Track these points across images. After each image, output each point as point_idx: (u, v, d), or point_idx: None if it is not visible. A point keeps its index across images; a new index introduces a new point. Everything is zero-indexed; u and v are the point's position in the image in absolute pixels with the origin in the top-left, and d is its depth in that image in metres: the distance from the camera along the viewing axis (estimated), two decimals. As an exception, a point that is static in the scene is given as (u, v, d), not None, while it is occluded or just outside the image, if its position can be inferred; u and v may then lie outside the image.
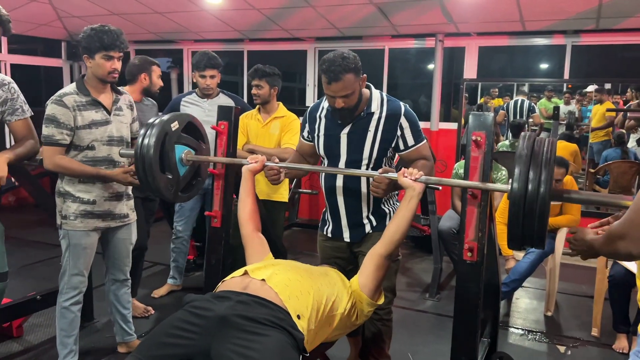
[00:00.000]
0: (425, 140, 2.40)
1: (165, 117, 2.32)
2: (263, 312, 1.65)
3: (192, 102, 3.68)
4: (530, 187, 1.67)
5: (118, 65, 2.51)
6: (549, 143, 1.75)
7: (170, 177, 2.31)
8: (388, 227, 2.08)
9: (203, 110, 3.59)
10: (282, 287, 1.77)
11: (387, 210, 2.44)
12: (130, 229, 2.78)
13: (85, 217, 2.56)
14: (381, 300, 2.09)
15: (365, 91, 2.35)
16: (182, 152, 2.38)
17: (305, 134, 2.54)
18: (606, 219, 1.64)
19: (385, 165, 2.34)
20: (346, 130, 2.34)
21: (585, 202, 2.05)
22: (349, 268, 2.50)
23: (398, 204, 2.31)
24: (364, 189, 2.36)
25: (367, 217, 2.42)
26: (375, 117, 2.33)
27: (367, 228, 2.43)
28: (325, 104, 2.42)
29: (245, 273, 1.88)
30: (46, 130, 2.45)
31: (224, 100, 3.69)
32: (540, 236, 1.71)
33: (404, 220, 2.05)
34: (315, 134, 2.44)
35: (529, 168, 1.69)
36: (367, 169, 2.34)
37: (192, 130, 2.46)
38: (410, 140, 2.35)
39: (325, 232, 2.55)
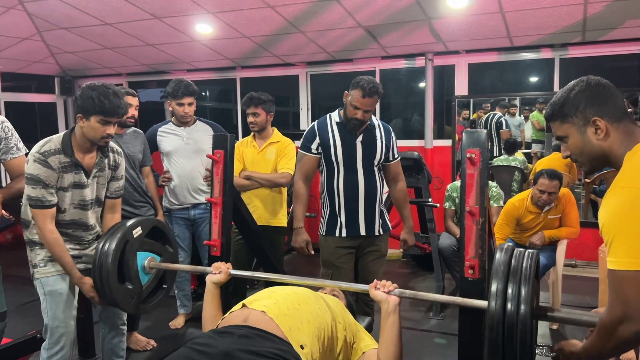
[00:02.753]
0: (400, 157, 3.03)
1: (128, 223, 2.20)
2: (266, 345, 1.62)
3: (170, 132, 3.61)
4: (509, 306, 1.50)
5: (112, 130, 2.31)
6: (529, 256, 1.60)
7: (130, 287, 2.19)
8: (381, 354, 1.85)
9: (181, 139, 3.57)
10: (283, 318, 1.74)
11: (384, 209, 2.98)
12: None
13: (55, 261, 2.36)
14: None
15: None
16: (144, 259, 2.26)
17: (314, 146, 2.85)
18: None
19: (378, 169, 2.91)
20: (360, 139, 2.84)
21: (569, 322, 1.74)
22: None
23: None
24: (378, 187, 2.88)
25: (378, 213, 2.88)
26: (377, 129, 2.89)
27: (377, 226, 2.89)
28: (334, 117, 2.87)
29: (244, 306, 1.83)
30: (33, 191, 2.24)
31: (202, 127, 3.64)
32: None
33: (392, 339, 1.84)
34: (330, 144, 2.83)
35: (506, 285, 1.53)
36: (376, 168, 2.89)
37: (157, 234, 2.35)
38: (396, 154, 2.99)
39: (338, 234, 2.84)
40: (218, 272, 2.13)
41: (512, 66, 6.06)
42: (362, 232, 2.87)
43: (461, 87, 5.49)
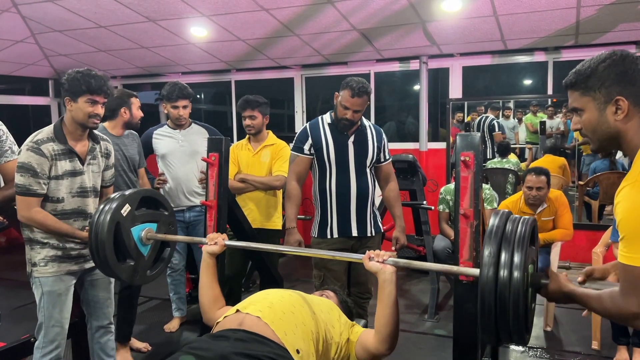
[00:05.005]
0: (391, 158, 3.06)
1: (114, 203, 2.15)
2: (262, 350, 1.61)
3: (165, 135, 3.60)
4: (502, 273, 1.41)
5: (100, 111, 2.38)
6: (525, 221, 1.52)
7: (132, 263, 2.19)
8: (378, 322, 1.85)
9: (177, 142, 3.56)
10: (278, 323, 1.73)
11: (377, 212, 3.01)
12: None
13: (55, 262, 2.40)
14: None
15: None
16: (140, 231, 2.25)
17: (307, 147, 2.86)
18: (590, 268, 1.61)
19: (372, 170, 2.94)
20: (351, 139, 2.87)
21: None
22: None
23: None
24: (370, 188, 2.90)
25: (370, 215, 2.90)
26: (369, 130, 2.92)
27: (369, 227, 2.91)
28: (326, 119, 2.89)
29: (238, 311, 1.82)
30: (21, 179, 2.28)
31: (197, 130, 3.64)
32: (518, 331, 1.44)
33: (389, 309, 1.82)
34: (323, 144, 2.85)
35: (499, 249, 1.45)
36: (368, 169, 2.91)
37: (148, 202, 2.32)
38: (387, 155, 3.01)
39: (329, 235, 2.85)
40: (214, 243, 2.14)
41: (505, 69, 6.10)
42: (354, 232, 2.88)
43: (455, 90, 5.52)
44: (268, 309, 1.79)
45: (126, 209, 2.18)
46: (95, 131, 2.52)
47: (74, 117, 2.37)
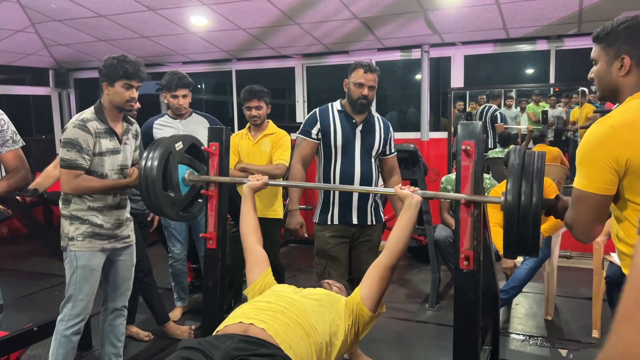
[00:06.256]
0: (396, 152, 3.07)
1: (171, 138, 2.37)
2: (268, 352, 1.60)
3: (166, 124, 3.60)
4: (522, 198, 1.75)
5: (136, 94, 2.55)
6: (539, 155, 1.81)
7: (172, 195, 2.32)
8: (390, 239, 2.08)
9: (177, 131, 3.53)
10: (282, 335, 1.70)
11: (379, 202, 3.01)
12: (132, 250, 2.77)
13: (92, 238, 2.54)
14: (383, 309, 2.05)
15: None
16: (185, 171, 2.40)
17: (315, 131, 2.86)
18: None
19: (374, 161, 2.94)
20: (359, 128, 2.88)
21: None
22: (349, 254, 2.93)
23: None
24: (373, 177, 2.90)
25: (371, 204, 2.90)
26: (377, 121, 2.94)
27: (370, 217, 2.90)
28: (336, 106, 2.91)
29: (240, 322, 1.76)
30: (67, 154, 2.44)
31: (198, 119, 3.63)
32: (534, 243, 1.78)
33: (404, 230, 2.05)
34: (331, 129, 2.85)
35: (521, 180, 1.77)
36: (373, 159, 2.91)
37: (195, 151, 2.49)
38: (393, 148, 3.03)
39: (330, 221, 2.86)
40: (256, 180, 2.34)
41: (508, 58, 6.06)
42: (354, 220, 2.87)
43: (457, 79, 5.49)
44: (271, 319, 1.75)
45: (179, 145, 2.36)
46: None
47: (112, 101, 2.54)
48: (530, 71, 6.65)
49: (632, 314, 0.56)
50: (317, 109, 2.94)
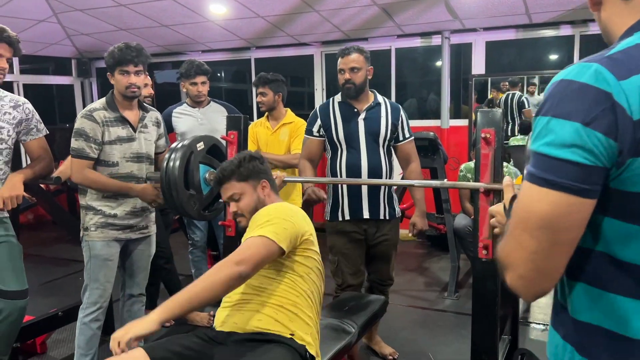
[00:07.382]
0: (413, 137, 2.89)
1: (192, 139, 2.41)
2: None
3: (184, 113, 3.62)
4: None
5: (135, 79, 2.51)
6: None
7: (194, 193, 2.36)
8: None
9: (196, 120, 3.57)
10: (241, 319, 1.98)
11: (394, 194, 2.88)
12: (150, 241, 2.78)
13: (105, 228, 2.56)
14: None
15: (370, 91, 2.85)
16: (206, 171, 2.42)
17: (316, 128, 2.83)
18: None
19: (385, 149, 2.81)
20: (362, 116, 2.77)
21: None
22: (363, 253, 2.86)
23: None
24: (383, 167, 2.77)
25: (384, 196, 2.79)
26: (383, 107, 2.81)
27: (382, 210, 2.79)
28: (337, 98, 2.85)
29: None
30: (75, 143, 2.48)
31: (216, 108, 3.65)
32: None
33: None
34: (332, 124, 2.79)
35: None
36: (383, 148, 2.78)
37: (216, 152, 2.52)
38: (407, 133, 2.86)
39: (341, 217, 2.78)
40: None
41: (530, 44, 5.93)
42: (365, 214, 2.76)
43: (478, 65, 5.41)
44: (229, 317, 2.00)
45: (200, 146, 2.41)
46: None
47: (117, 89, 2.56)
48: (553, 57, 6.51)
49: (511, 230, 0.88)
50: (318, 106, 2.93)
